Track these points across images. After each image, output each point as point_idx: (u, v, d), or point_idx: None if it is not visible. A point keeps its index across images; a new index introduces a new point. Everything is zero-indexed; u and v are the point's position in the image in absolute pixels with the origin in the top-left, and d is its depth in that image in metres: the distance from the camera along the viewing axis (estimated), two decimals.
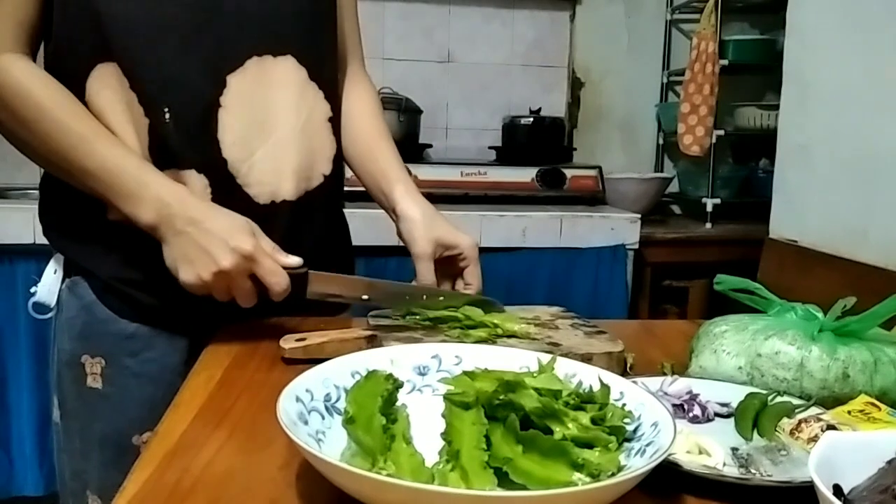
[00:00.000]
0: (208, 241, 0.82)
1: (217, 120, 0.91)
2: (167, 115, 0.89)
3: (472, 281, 1.00)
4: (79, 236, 0.97)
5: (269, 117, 0.94)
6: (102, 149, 0.86)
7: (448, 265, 1.01)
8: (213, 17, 0.90)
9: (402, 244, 1.03)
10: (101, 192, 0.87)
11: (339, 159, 1.05)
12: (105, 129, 0.88)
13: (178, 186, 0.87)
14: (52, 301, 0.99)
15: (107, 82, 0.89)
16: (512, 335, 0.85)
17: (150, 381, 0.96)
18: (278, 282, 0.84)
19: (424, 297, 0.91)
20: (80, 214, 0.95)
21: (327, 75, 1.02)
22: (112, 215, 0.93)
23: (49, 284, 1.00)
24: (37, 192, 1.03)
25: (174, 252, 0.85)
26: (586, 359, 0.76)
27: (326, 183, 1.02)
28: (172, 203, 0.84)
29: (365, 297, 0.90)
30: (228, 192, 0.92)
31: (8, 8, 0.87)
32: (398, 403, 0.61)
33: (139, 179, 0.85)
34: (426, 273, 0.98)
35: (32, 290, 1.01)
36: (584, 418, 0.55)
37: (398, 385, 0.61)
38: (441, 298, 0.92)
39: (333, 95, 1.03)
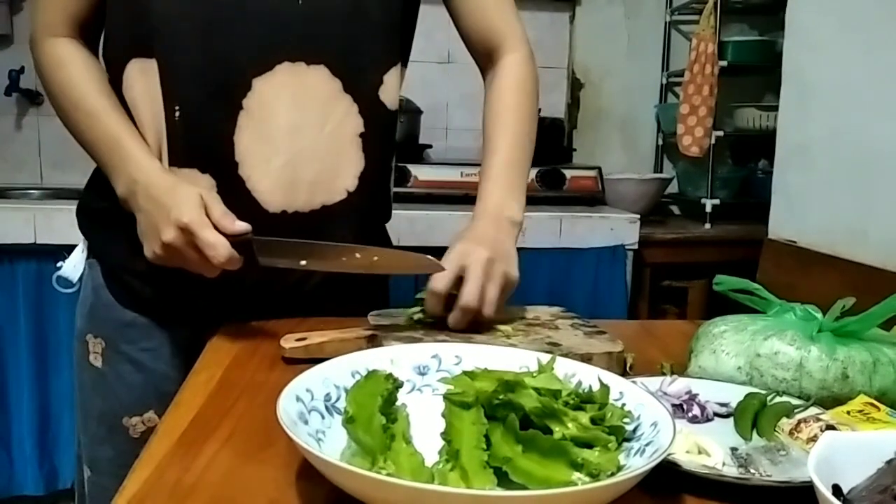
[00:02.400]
0: (157, 216, 0.84)
1: (236, 122, 0.90)
2: (177, 114, 0.90)
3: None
4: (96, 222, 1.02)
5: (292, 126, 0.91)
6: (105, 123, 0.90)
7: None
8: (245, 17, 0.89)
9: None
10: (100, 165, 0.92)
11: (369, 176, 0.99)
12: (117, 107, 0.91)
13: (151, 164, 0.89)
14: (76, 277, 1.05)
15: (140, 75, 0.91)
16: (504, 335, 0.85)
17: (142, 369, 0.99)
18: (214, 255, 0.82)
19: (358, 255, 0.86)
20: (100, 201, 0.98)
21: (365, 89, 0.97)
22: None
23: (75, 262, 1.05)
24: (37, 191, 1.05)
25: (139, 227, 0.88)
26: (586, 359, 0.76)
27: (349, 199, 0.98)
28: (139, 180, 0.87)
29: (303, 262, 0.86)
30: (237, 195, 0.91)
31: (60, 1, 0.93)
32: (398, 403, 0.61)
33: (121, 155, 0.89)
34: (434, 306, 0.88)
35: (59, 264, 1.06)
36: (584, 418, 0.55)
37: (398, 385, 0.61)
38: (376, 258, 0.87)
39: (370, 110, 0.98)
